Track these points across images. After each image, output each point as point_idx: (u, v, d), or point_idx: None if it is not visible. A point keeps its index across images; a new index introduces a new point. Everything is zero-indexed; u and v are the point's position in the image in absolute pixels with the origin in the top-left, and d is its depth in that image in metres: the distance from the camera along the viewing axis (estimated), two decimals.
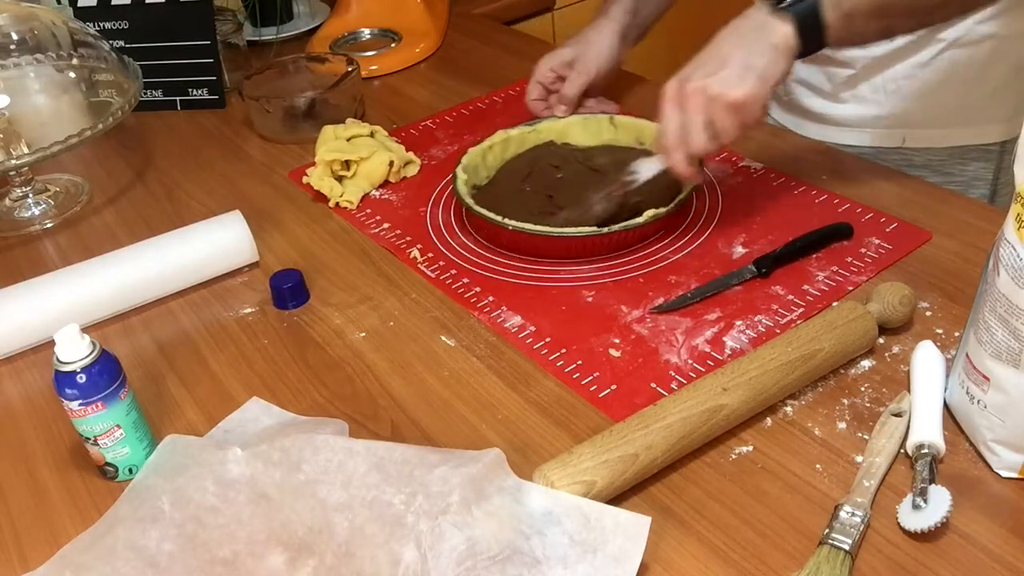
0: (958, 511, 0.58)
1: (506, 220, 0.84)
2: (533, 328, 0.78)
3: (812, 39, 0.77)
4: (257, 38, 1.41)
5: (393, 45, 1.34)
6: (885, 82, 0.97)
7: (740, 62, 0.76)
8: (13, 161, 0.94)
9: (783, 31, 0.76)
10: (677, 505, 0.61)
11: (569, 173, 0.95)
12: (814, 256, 0.82)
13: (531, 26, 1.71)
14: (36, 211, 1.04)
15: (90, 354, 0.63)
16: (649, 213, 0.83)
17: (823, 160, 0.97)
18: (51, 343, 0.64)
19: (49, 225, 1.02)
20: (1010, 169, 0.98)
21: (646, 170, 0.85)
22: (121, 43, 1.21)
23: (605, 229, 0.82)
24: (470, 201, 0.88)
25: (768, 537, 0.58)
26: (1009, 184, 0.99)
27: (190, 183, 1.07)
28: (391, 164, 1.01)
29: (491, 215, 0.85)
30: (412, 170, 1.04)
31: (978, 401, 0.60)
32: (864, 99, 1.00)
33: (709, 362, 0.72)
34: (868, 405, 0.67)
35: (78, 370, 0.62)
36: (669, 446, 0.61)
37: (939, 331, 0.73)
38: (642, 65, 1.21)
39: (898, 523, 0.57)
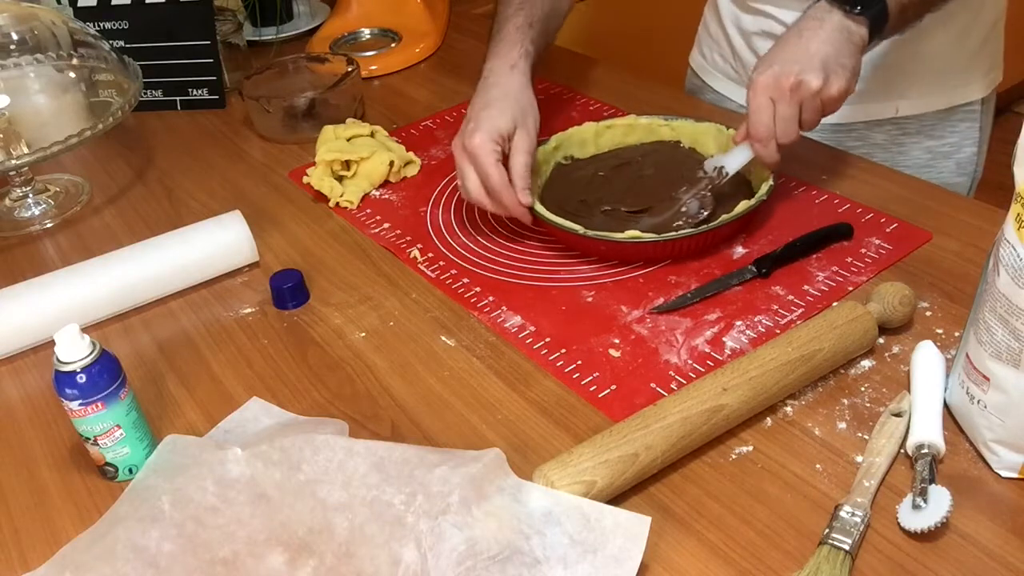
0: (958, 511, 0.58)
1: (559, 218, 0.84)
2: (533, 328, 0.78)
3: (877, 38, 0.82)
4: (257, 38, 1.41)
5: (393, 45, 1.34)
6: (874, 56, 0.98)
7: (834, 60, 0.79)
8: (13, 161, 0.95)
9: (861, 33, 0.80)
10: (677, 505, 0.61)
11: (658, 176, 0.93)
12: (814, 256, 0.82)
13: None
14: (36, 211, 1.04)
15: (90, 354, 0.63)
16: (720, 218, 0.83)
17: (823, 160, 0.97)
18: (51, 343, 0.64)
19: (49, 225, 1.02)
20: (988, 128, 1.06)
21: (733, 162, 0.87)
22: (121, 43, 1.21)
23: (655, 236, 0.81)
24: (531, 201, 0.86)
25: (768, 537, 0.58)
26: (987, 142, 1.08)
27: (190, 183, 1.07)
28: (391, 164, 1.01)
29: (558, 219, 0.84)
30: (412, 170, 1.04)
31: (978, 401, 0.60)
32: None
33: (709, 362, 0.72)
34: (868, 405, 0.67)
35: (78, 370, 0.62)
36: (669, 446, 0.61)
37: (939, 331, 0.73)
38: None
39: (898, 523, 0.57)
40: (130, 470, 0.67)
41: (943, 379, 0.66)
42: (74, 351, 0.63)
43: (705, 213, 0.86)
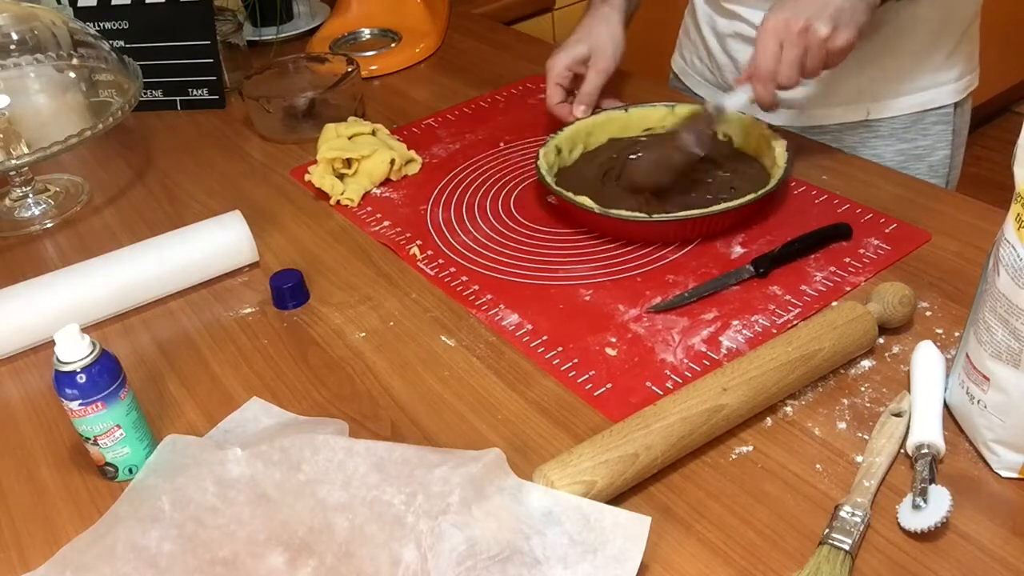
0: (958, 511, 0.58)
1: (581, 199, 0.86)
2: (530, 326, 0.78)
3: None
4: (257, 38, 1.41)
5: (393, 45, 1.34)
6: (844, 61, 0.98)
7: (845, 11, 0.80)
8: (13, 161, 0.94)
9: None
10: (677, 505, 0.61)
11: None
12: (812, 257, 0.82)
13: (531, 26, 1.71)
14: (36, 211, 1.04)
15: (90, 354, 0.63)
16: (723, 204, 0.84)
17: (823, 160, 0.97)
18: (51, 343, 0.64)
19: (49, 225, 1.02)
20: (963, 132, 1.06)
21: (731, 101, 0.88)
22: (121, 43, 1.21)
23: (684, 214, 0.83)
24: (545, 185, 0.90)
25: (768, 537, 0.58)
26: (963, 146, 1.08)
27: (190, 183, 1.08)
28: (392, 162, 1.01)
29: (570, 194, 0.87)
30: (413, 168, 1.04)
31: (978, 401, 0.60)
32: (823, 78, 1.00)
33: (705, 362, 0.72)
34: (868, 405, 0.67)
35: (78, 370, 0.62)
36: (669, 446, 0.61)
37: (939, 331, 0.73)
38: None
39: (898, 523, 0.58)
40: (130, 470, 0.67)
41: (943, 379, 0.66)
42: (74, 351, 0.63)
43: (701, 153, 0.89)
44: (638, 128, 1.00)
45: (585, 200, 0.85)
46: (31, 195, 1.05)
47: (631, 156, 0.96)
